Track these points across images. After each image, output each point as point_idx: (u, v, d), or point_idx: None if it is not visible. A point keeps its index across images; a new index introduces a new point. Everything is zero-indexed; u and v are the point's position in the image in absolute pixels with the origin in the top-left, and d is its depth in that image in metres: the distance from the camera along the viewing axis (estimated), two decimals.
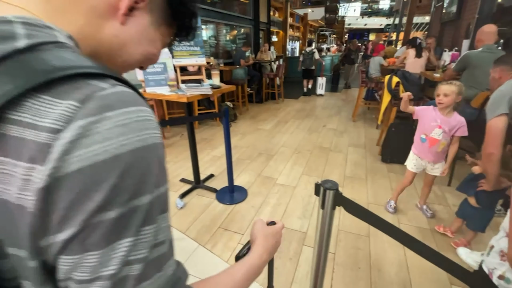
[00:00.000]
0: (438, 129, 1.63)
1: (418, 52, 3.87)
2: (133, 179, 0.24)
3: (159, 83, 1.96)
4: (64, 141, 0.21)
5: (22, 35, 0.23)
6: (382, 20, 20.11)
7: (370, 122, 4.42)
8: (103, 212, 0.22)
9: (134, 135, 0.24)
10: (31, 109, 0.21)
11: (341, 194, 0.75)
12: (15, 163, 0.21)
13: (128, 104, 0.25)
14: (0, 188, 0.22)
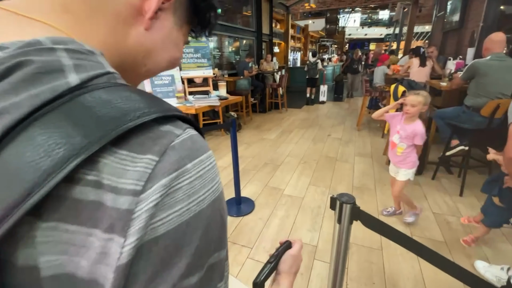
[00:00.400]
0: (397, 134, 1.75)
1: (422, 61, 3.88)
2: (213, 236, 0.21)
3: (167, 95, 1.97)
4: (149, 206, 0.18)
5: (70, 67, 0.19)
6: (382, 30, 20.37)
7: (375, 131, 4.40)
8: (186, 278, 0.20)
9: (210, 186, 0.21)
10: (107, 167, 0.17)
11: (359, 208, 0.73)
12: (89, 232, 0.17)
13: (201, 151, 0.22)
14: (68, 260, 0.17)
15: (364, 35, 21.78)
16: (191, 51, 1.95)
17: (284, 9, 9.75)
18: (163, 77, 1.95)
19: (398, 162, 1.81)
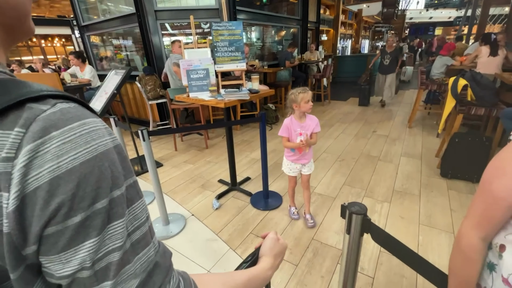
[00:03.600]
0: (300, 136, 1.75)
1: (493, 49, 3.26)
2: (88, 187, 0.26)
3: (201, 88, 2.05)
4: (20, 166, 0.24)
5: None
6: (451, 12, 17.62)
7: (429, 129, 3.91)
8: (69, 218, 0.25)
9: (82, 148, 0.27)
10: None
11: (369, 220, 0.66)
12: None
13: (71, 121, 0.27)
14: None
15: (429, 19, 19.20)
16: (225, 44, 1.97)
17: None
18: (198, 71, 2.02)
19: (307, 158, 1.85)
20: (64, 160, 0.25)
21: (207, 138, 3.69)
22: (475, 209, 0.56)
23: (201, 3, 4.32)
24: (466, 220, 0.58)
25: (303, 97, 1.67)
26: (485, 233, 0.55)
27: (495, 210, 0.53)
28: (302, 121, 1.76)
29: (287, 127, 1.77)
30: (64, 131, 0.26)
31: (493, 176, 0.53)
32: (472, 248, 0.56)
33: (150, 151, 1.70)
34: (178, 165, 3.04)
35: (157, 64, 4.07)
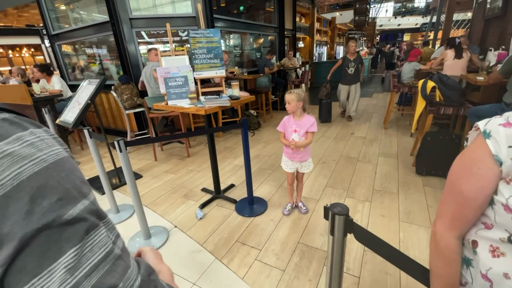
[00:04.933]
0: (295, 133, 1.85)
1: (458, 52, 3.52)
2: (45, 201, 0.24)
3: (180, 96, 2.01)
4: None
5: None
6: (417, 19, 18.88)
7: (403, 129, 4.11)
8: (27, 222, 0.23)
9: (27, 161, 0.25)
10: None
11: (352, 220, 0.67)
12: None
13: (4, 137, 0.25)
14: None
15: (397, 26, 20.42)
16: (203, 51, 1.97)
17: (309, 2, 9.47)
18: (177, 79, 1.99)
19: (302, 157, 1.93)
20: (7, 176, 0.23)
21: (188, 146, 3.62)
22: (447, 210, 0.59)
23: (178, 11, 4.30)
24: (439, 221, 0.60)
25: (286, 98, 1.81)
26: (459, 232, 0.58)
27: (467, 210, 0.55)
28: (299, 118, 1.86)
29: (284, 123, 1.90)
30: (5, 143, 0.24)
31: (461, 177, 0.56)
32: (451, 248, 0.58)
33: (128, 162, 1.63)
34: (158, 176, 2.95)
35: (133, 72, 3.97)
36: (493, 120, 0.54)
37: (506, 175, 0.51)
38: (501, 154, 0.51)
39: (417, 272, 0.59)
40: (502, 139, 0.51)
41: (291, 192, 2.13)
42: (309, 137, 1.85)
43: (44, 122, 3.29)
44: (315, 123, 1.84)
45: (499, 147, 0.51)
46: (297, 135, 1.85)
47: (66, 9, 4.84)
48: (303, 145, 1.85)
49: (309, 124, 1.82)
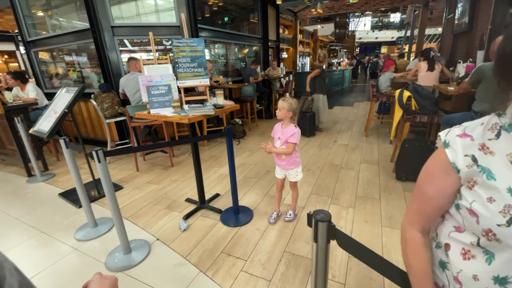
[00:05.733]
0: (278, 140, 1.90)
1: (430, 65, 3.75)
2: None
3: (163, 104, 1.98)
4: None
5: None
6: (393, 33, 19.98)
7: (383, 137, 4.26)
8: None
9: None
10: None
11: (334, 226, 0.68)
12: None
13: None
14: None
15: (375, 39, 21.45)
16: (187, 60, 1.96)
17: (292, 15, 9.77)
18: (160, 87, 1.96)
19: (286, 165, 1.95)
20: None
21: (172, 155, 3.55)
22: (412, 207, 0.66)
23: (162, 20, 4.29)
24: (405, 217, 0.67)
25: (279, 104, 1.85)
26: (421, 227, 0.63)
27: (427, 208, 0.62)
28: (285, 127, 1.89)
29: (274, 129, 1.97)
30: None
31: (425, 180, 0.62)
32: (414, 241, 0.64)
33: (107, 173, 1.57)
34: (140, 187, 2.85)
35: (115, 80, 3.88)
36: (452, 131, 0.60)
37: (465, 181, 0.56)
38: (458, 162, 0.56)
39: (397, 277, 0.60)
40: (459, 149, 0.56)
41: (278, 199, 2.14)
42: (289, 147, 1.85)
43: (16, 132, 3.12)
44: (296, 135, 1.84)
45: (457, 156, 0.56)
46: (279, 143, 1.90)
47: (44, 16, 4.69)
48: (278, 151, 1.88)
49: (289, 134, 1.84)
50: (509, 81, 0.48)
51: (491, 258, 0.53)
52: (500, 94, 0.52)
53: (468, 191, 0.55)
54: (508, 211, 0.48)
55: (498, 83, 0.51)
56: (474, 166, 0.54)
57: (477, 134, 0.56)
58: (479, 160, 0.54)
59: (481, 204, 0.52)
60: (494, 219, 0.50)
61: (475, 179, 0.54)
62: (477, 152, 0.54)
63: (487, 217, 0.51)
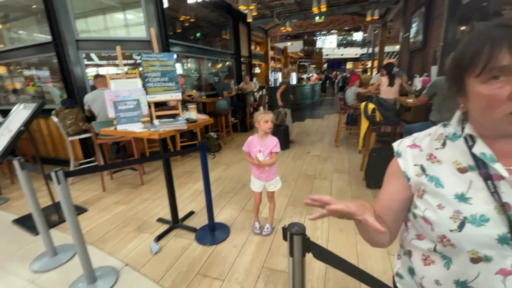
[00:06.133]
0: (260, 153, 1.90)
1: (390, 80, 4.07)
2: None
3: (132, 120, 1.90)
4: None
5: None
6: (357, 50, 21.53)
7: (352, 147, 4.47)
8: None
9: None
10: None
11: (309, 239, 0.68)
12: None
13: None
14: None
15: (340, 55, 22.90)
16: (157, 75, 1.92)
17: (262, 32, 10.15)
18: (127, 102, 1.89)
19: (268, 176, 1.98)
20: None
21: (142, 173, 3.38)
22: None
23: (132, 35, 4.21)
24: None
25: (262, 117, 1.87)
26: (377, 211, 0.67)
27: (377, 206, 0.68)
28: (263, 139, 1.91)
29: (248, 143, 1.94)
30: None
31: (384, 183, 0.68)
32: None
33: (67, 195, 1.44)
34: (107, 208, 2.66)
35: (79, 95, 3.67)
36: (404, 141, 0.64)
37: (415, 189, 0.60)
38: (409, 171, 0.60)
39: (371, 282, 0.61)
40: (409, 158, 0.61)
41: (256, 211, 2.14)
42: (274, 157, 1.92)
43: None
44: (278, 144, 1.92)
45: (407, 165, 0.61)
46: (261, 155, 1.91)
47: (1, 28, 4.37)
48: (267, 163, 1.90)
49: (272, 144, 1.89)
50: (459, 88, 0.53)
51: (449, 263, 0.55)
52: (450, 100, 0.57)
53: (419, 200, 0.58)
54: (457, 217, 0.51)
55: (449, 87, 0.55)
56: (423, 175, 0.57)
57: (425, 145, 0.60)
58: (427, 170, 0.57)
59: (432, 212, 0.54)
60: (446, 225, 0.52)
61: (423, 187, 0.57)
62: (425, 162, 0.58)
63: (440, 224, 0.53)
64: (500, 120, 0.47)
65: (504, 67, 0.44)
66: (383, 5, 7.20)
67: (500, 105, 0.46)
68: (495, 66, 0.45)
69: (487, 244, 0.49)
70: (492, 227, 0.48)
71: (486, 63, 0.45)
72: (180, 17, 5.66)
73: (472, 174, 0.53)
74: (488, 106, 0.47)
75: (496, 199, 0.49)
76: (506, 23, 0.45)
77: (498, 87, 0.46)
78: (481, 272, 0.50)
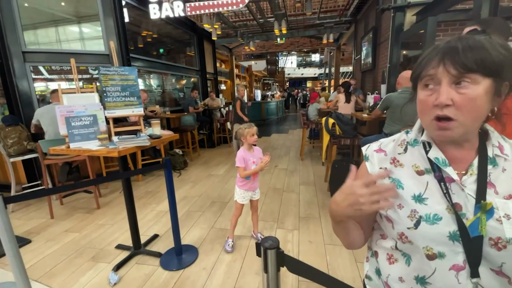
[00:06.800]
0: (253, 164, 1.99)
1: (347, 97, 4.43)
2: None
3: (87, 137, 1.75)
4: None
5: None
6: (315, 70, 23.14)
7: (316, 159, 4.66)
8: None
9: None
10: None
11: (283, 252, 0.67)
12: None
13: None
14: None
15: (301, 75, 24.35)
16: (117, 89, 1.82)
17: (227, 50, 10.37)
18: (83, 118, 1.74)
19: (256, 184, 2.09)
20: None
21: (98, 195, 3.08)
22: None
23: (89, 48, 3.97)
24: None
25: (248, 131, 1.95)
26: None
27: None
28: (251, 151, 2.01)
29: (243, 157, 1.94)
30: None
31: None
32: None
33: (8, 224, 1.24)
34: (55, 238, 2.34)
35: (24, 112, 3.30)
36: (371, 146, 0.70)
37: None
38: (375, 173, 0.65)
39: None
40: (376, 162, 0.66)
41: (234, 225, 2.14)
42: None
43: None
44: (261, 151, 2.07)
45: (374, 168, 0.65)
46: (254, 166, 2.00)
47: None
48: (262, 168, 1.94)
49: (260, 153, 2.05)
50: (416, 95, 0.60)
51: (409, 260, 0.59)
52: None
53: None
54: (414, 215, 0.56)
55: (412, 91, 0.62)
56: (387, 178, 0.62)
57: (389, 149, 0.66)
58: (390, 173, 0.62)
59: (393, 211, 0.59)
60: (404, 223, 0.57)
61: None
62: (389, 166, 0.63)
63: (399, 222, 0.58)
64: (429, 125, 0.54)
65: (432, 75, 0.52)
66: (336, 30, 7.92)
67: (428, 110, 0.53)
68: (426, 74, 0.53)
69: (440, 241, 0.53)
70: (444, 225, 0.53)
71: (421, 71, 0.53)
72: (142, 32, 5.53)
73: (428, 176, 0.58)
74: (421, 110, 0.55)
75: (448, 199, 0.54)
76: (447, 40, 0.53)
77: (428, 94, 0.53)
78: (437, 268, 0.54)
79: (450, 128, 0.51)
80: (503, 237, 0.49)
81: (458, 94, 0.50)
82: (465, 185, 0.54)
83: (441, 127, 0.52)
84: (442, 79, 0.50)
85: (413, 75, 0.58)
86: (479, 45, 0.49)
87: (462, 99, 0.49)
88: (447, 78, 0.50)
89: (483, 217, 0.51)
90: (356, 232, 0.68)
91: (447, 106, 0.50)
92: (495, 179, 0.54)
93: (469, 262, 0.52)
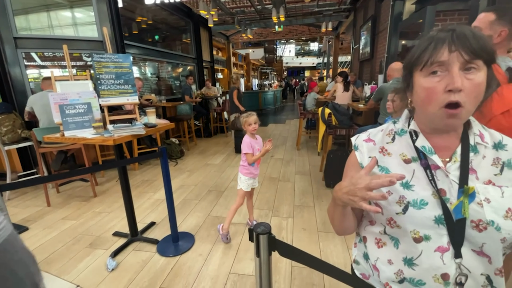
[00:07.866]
0: (258, 151, 2.02)
1: (346, 86, 4.40)
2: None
3: (82, 125, 1.74)
4: None
5: None
6: (313, 59, 22.87)
7: (312, 150, 4.70)
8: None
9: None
10: None
11: (274, 237, 0.69)
12: None
13: None
14: None
15: (299, 64, 24.07)
16: (111, 77, 1.80)
17: (224, 38, 10.18)
18: (77, 106, 1.73)
19: (258, 172, 2.12)
20: None
21: (94, 184, 3.09)
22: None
23: (82, 34, 3.87)
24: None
25: (246, 120, 1.98)
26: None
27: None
28: (254, 138, 2.03)
29: (250, 144, 1.97)
30: None
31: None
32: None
33: None
34: (53, 225, 2.37)
35: (17, 99, 3.25)
36: (360, 136, 0.71)
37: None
38: (364, 162, 0.67)
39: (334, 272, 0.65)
40: (365, 151, 0.68)
41: (232, 217, 2.09)
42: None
43: None
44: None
45: (363, 157, 0.67)
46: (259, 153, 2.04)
47: None
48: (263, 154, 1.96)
49: (261, 141, 2.08)
50: (408, 83, 0.61)
51: (397, 243, 0.62)
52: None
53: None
54: (402, 201, 0.59)
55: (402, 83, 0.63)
56: (376, 166, 0.64)
57: (378, 139, 0.67)
58: (379, 161, 0.64)
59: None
60: (393, 208, 0.60)
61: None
62: (378, 154, 0.65)
63: (388, 208, 0.61)
64: (436, 112, 0.54)
65: (442, 62, 0.51)
66: (335, 18, 7.79)
67: (436, 97, 0.53)
68: (435, 60, 0.52)
69: (426, 225, 0.56)
70: (430, 210, 0.56)
71: (429, 58, 0.53)
72: (136, 18, 5.38)
73: (415, 164, 0.60)
74: (427, 98, 0.54)
75: (433, 185, 0.56)
76: (448, 28, 0.53)
77: (436, 81, 0.53)
78: (423, 250, 0.58)
79: (459, 117, 0.52)
80: (484, 219, 0.52)
81: (466, 79, 0.50)
82: (449, 172, 0.56)
83: (451, 115, 0.52)
84: (453, 65, 0.50)
85: (409, 63, 0.58)
86: (478, 34, 0.50)
87: (471, 85, 0.50)
88: (458, 64, 0.50)
89: (466, 201, 0.54)
90: (351, 217, 0.70)
91: (459, 91, 0.50)
92: (477, 166, 0.56)
93: (452, 244, 0.55)
